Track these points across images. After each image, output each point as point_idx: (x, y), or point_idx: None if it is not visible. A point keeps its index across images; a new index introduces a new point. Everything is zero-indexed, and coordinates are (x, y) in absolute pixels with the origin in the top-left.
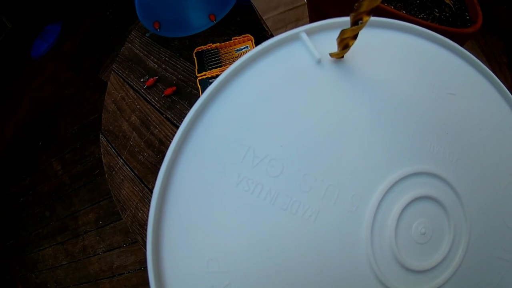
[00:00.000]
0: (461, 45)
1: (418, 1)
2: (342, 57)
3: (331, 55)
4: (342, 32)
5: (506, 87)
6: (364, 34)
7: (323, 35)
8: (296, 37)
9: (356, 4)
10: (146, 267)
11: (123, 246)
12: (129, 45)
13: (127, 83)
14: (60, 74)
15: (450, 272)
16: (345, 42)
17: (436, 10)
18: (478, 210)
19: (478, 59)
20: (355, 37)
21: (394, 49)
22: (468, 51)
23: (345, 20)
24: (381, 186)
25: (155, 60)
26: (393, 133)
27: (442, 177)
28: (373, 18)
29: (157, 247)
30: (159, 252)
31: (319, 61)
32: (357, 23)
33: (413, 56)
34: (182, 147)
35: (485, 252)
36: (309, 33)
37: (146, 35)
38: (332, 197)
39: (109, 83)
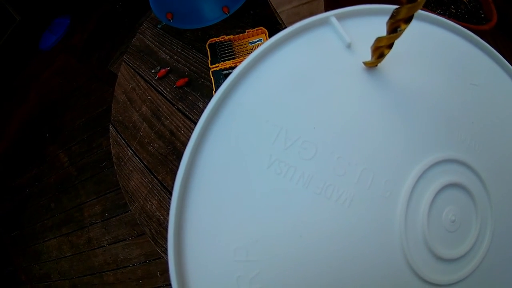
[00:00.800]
0: None
1: None
2: (376, 65)
3: (365, 63)
4: (378, 40)
5: None
6: None
7: (352, 21)
8: (325, 21)
9: (394, 11)
10: (151, 260)
11: (128, 238)
12: (141, 36)
13: (138, 73)
14: (68, 66)
15: (477, 262)
16: (380, 51)
17: (452, 7)
18: (504, 199)
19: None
20: (390, 46)
21: (420, 38)
22: None
23: (376, 8)
24: (413, 172)
25: (167, 51)
26: (423, 120)
27: (470, 164)
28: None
29: (179, 235)
30: (181, 240)
31: (349, 45)
32: (395, 30)
33: (438, 46)
34: (210, 127)
35: None
36: (338, 18)
37: (158, 26)
38: (367, 181)
39: (119, 73)
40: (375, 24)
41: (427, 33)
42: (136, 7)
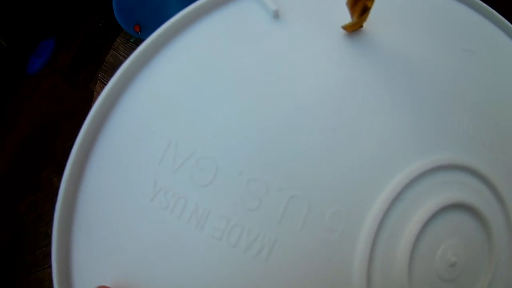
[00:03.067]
0: None
1: None
2: (361, 26)
3: (345, 27)
4: None
5: None
6: None
7: None
8: None
9: None
10: None
11: None
12: (114, 52)
13: None
14: (56, 89)
15: None
16: (361, 4)
17: None
18: None
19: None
20: None
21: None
22: None
23: None
24: (383, 193)
25: None
26: (397, 108)
27: (478, 171)
28: None
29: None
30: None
31: (276, 15)
32: None
33: (417, 9)
34: (93, 145)
35: None
36: None
37: (131, 40)
38: (297, 217)
39: (95, 92)
40: None
41: None
42: (118, 24)
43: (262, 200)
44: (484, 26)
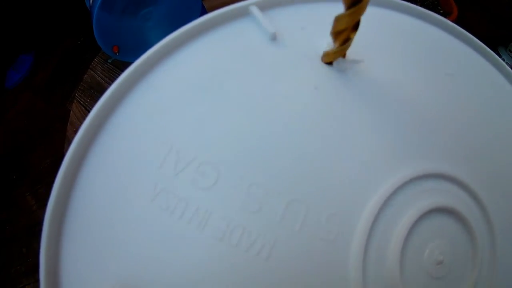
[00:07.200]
0: None
1: None
2: (344, 56)
3: (326, 55)
4: (337, 20)
5: None
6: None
7: (280, 10)
8: (244, 12)
9: None
10: None
11: None
12: (92, 72)
13: (89, 112)
14: (33, 105)
15: None
16: (344, 35)
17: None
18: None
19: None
20: (356, 26)
21: (378, 25)
22: None
23: None
24: (373, 199)
25: None
26: (383, 125)
27: (459, 179)
28: None
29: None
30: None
31: (273, 37)
32: (356, 2)
33: (401, 34)
34: (90, 147)
35: None
36: (262, 7)
37: (108, 61)
38: (296, 219)
39: (71, 112)
40: (312, 11)
41: (386, 20)
42: (96, 43)
43: (262, 203)
44: (460, 48)
